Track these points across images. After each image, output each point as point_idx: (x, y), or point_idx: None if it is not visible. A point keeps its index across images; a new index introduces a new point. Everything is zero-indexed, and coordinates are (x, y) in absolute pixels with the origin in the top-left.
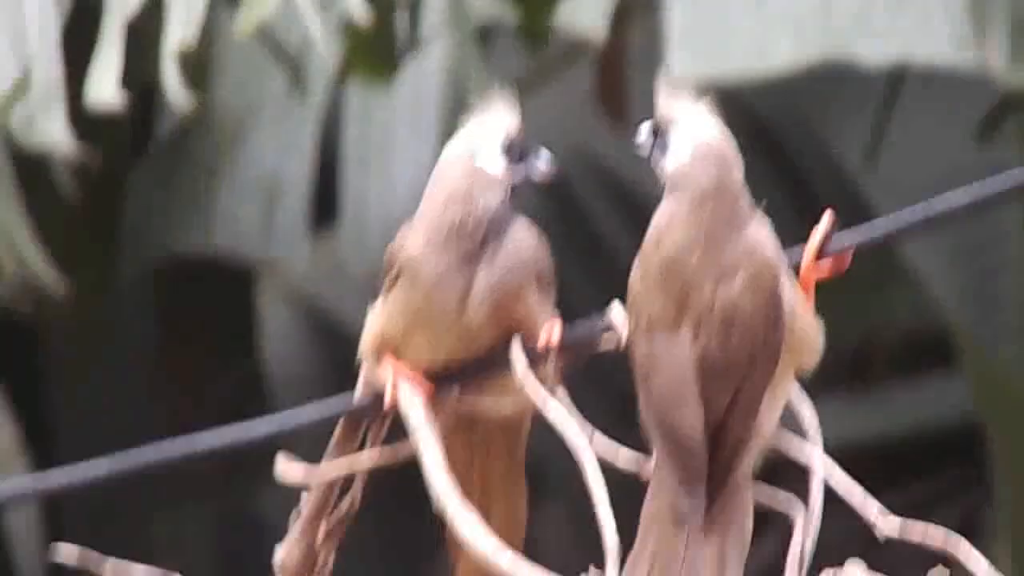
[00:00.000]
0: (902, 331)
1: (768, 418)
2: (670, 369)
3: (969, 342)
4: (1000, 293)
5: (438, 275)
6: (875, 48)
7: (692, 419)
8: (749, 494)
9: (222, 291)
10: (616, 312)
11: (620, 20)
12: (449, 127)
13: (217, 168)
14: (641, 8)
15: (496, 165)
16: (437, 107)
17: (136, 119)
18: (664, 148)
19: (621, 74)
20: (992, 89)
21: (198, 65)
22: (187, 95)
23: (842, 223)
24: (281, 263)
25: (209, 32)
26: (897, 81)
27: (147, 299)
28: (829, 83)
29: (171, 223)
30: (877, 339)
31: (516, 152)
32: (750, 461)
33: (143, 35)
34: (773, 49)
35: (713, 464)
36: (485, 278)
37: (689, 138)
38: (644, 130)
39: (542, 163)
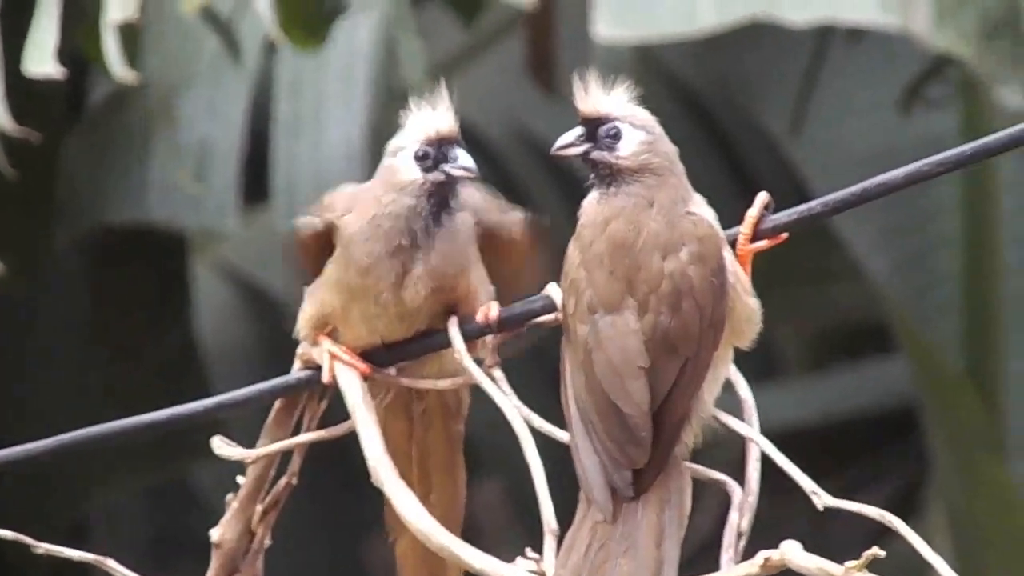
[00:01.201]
0: (843, 319)
1: (709, 394)
2: (616, 345)
3: (905, 319)
4: (936, 270)
5: (371, 259)
6: (801, 9)
7: (638, 394)
8: (687, 470)
9: (155, 262)
10: (553, 290)
11: None
12: (379, 96)
13: (149, 137)
14: None
15: (411, 171)
16: (367, 76)
17: (67, 91)
18: (599, 143)
19: (550, 44)
20: (916, 57)
21: (131, 34)
22: (127, 67)
23: (771, 189)
24: (213, 232)
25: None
26: (821, 49)
27: (80, 270)
28: (756, 52)
29: (104, 193)
30: (819, 326)
31: (432, 157)
32: (689, 438)
33: (73, 6)
34: (699, 11)
35: (655, 440)
36: (422, 263)
37: (631, 128)
38: (574, 133)
39: (456, 168)
